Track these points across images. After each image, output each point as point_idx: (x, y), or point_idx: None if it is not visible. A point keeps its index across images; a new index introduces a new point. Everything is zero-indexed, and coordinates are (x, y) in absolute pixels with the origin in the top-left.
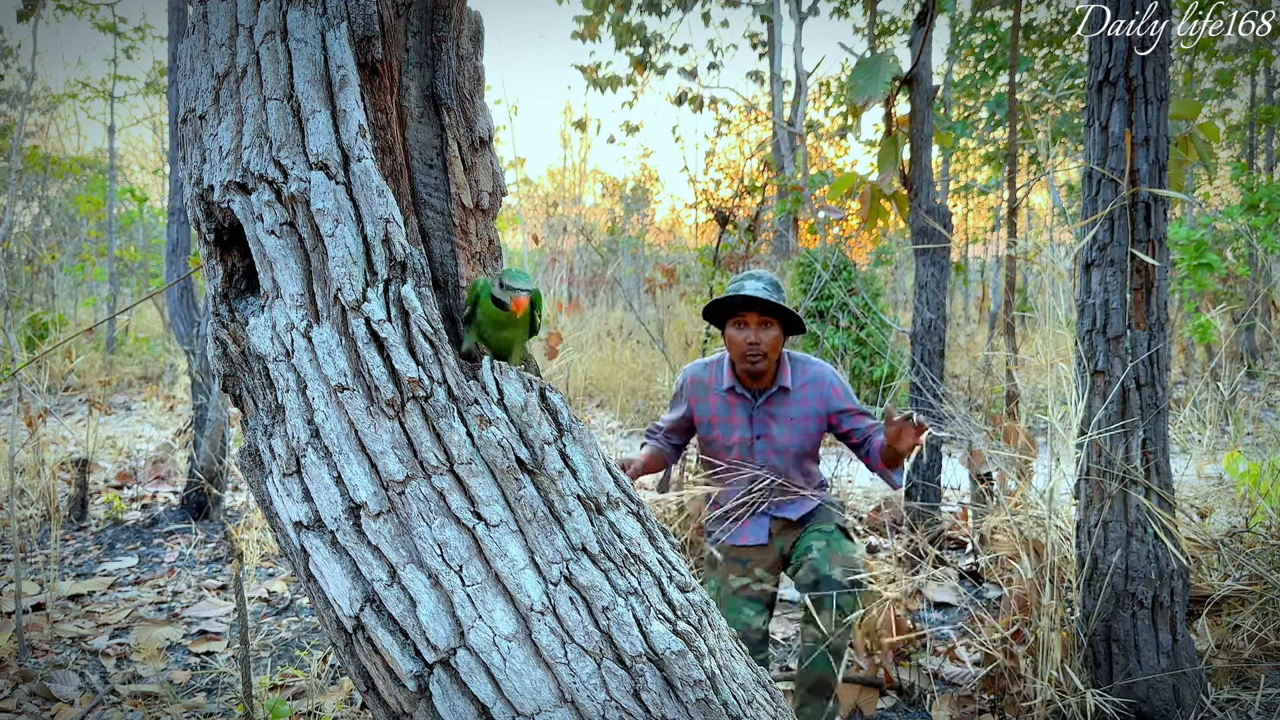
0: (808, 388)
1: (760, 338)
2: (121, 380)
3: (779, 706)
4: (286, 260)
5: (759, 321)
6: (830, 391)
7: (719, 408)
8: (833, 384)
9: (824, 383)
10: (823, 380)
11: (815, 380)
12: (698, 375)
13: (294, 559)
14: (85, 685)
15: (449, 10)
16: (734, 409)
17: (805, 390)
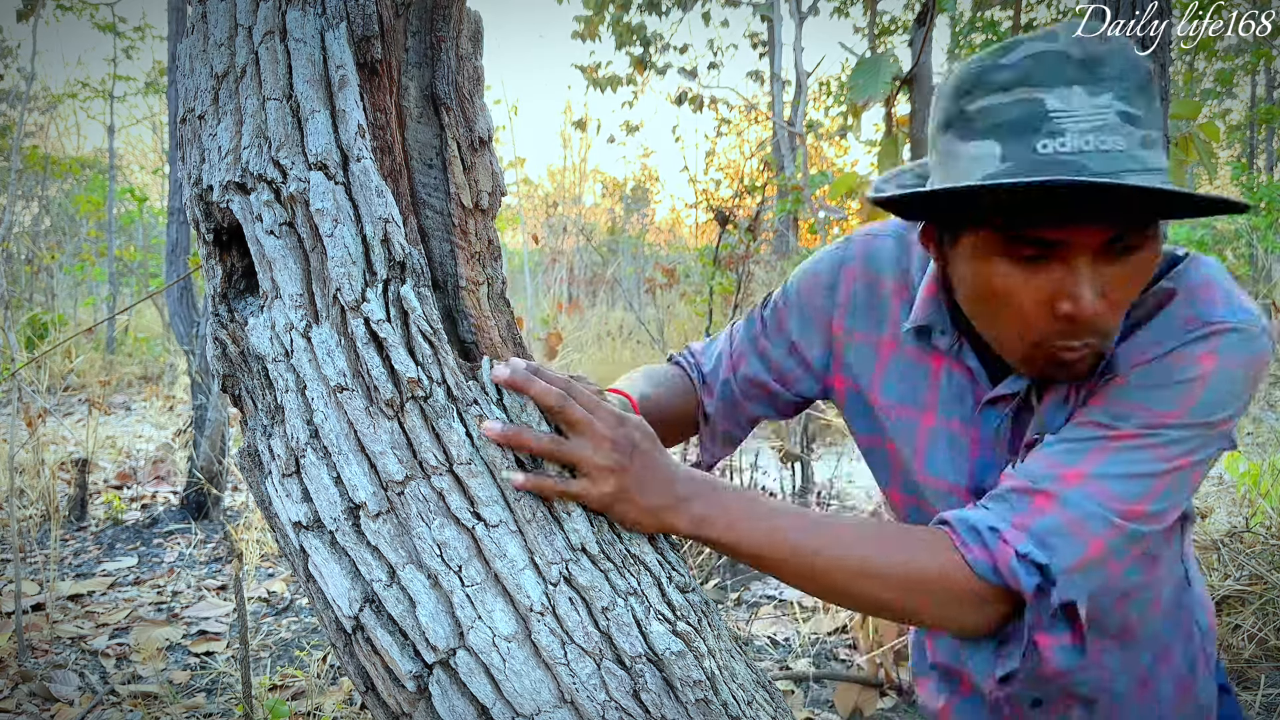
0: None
1: (1105, 289)
2: (121, 380)
3: (779, 707)
4: (285, 260)
5: (1101, 243)
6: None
7: (894, 370)
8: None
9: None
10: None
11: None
12: (869, 269)
13: (293, 559)
14: (85, 685)
15: (448, 10)
16: (955, 407)
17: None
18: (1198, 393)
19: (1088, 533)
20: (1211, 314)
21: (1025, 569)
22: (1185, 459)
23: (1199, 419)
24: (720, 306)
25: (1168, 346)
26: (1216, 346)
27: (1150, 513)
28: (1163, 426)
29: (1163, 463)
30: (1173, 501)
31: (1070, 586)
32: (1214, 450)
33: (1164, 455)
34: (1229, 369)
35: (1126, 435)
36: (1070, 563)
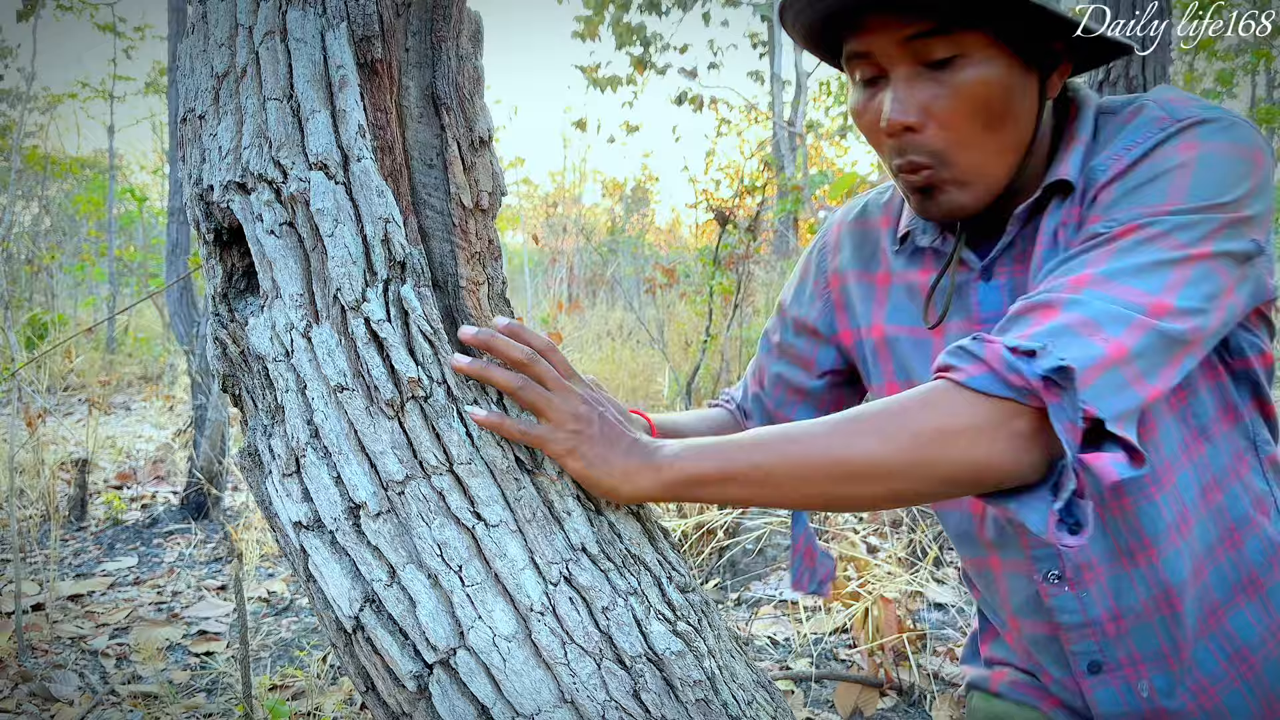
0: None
1: (925, 106)
2: (121, 380)
3: (779, 706)
4: (286, 260)
5: (900, 46)
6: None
7: (895, 298)
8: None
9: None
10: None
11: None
12: (856, 216)
13: (293, 559)
14: (85, 685)
15: (449, 10)
16: (961, 309)
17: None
18: (1186, 179)
19: (1103, 332)
20: (1183, 111)
21: (1024, 361)
22: (1202, 247)
23: (1199, 203)
24: (720, 306)
25: (1144, 146)
26: (1195, 135)
27: (1178, 308)
28: (1162, 214)
29: (1175, 250)
30: (1203, 298)
31: (1092, 393)
32: (1239, 244)
33: (1173, 244)
34: (1214, 152)
35: (1126, 232)
36: (1085, 362)
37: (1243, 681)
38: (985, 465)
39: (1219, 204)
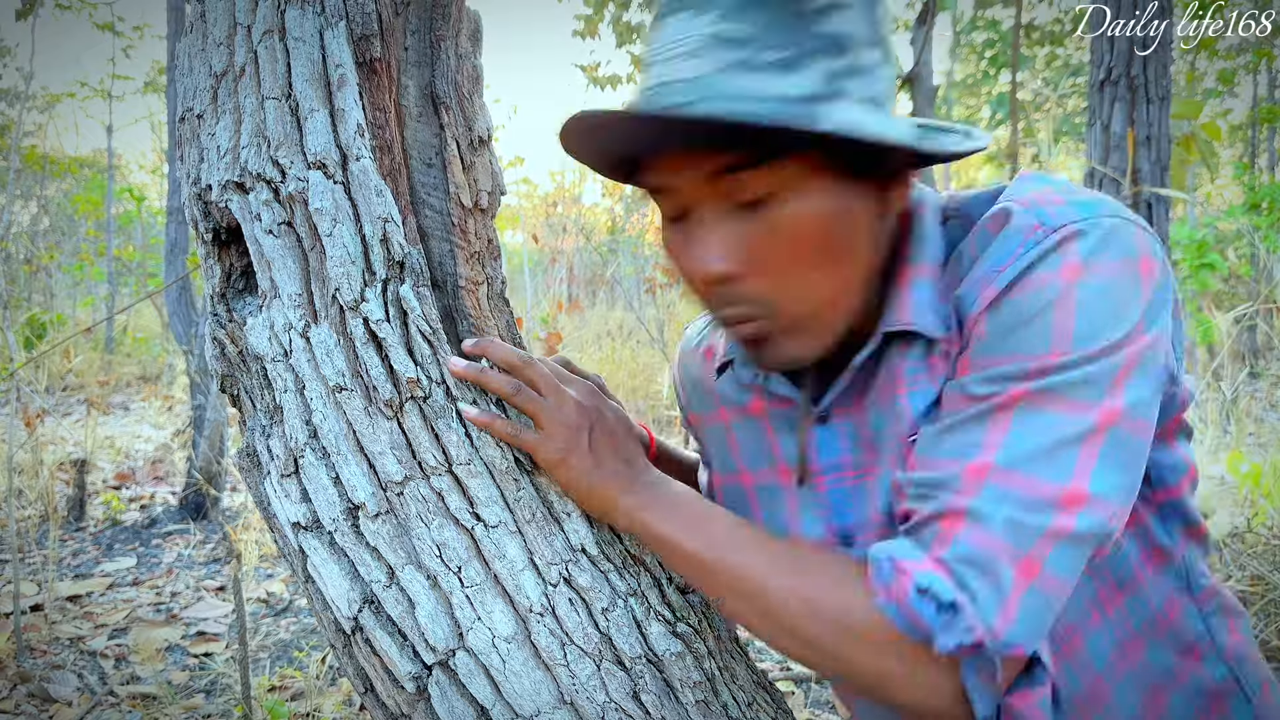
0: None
1: (744, 250)
2: (120, 380)
3: (779, 707)
4: (284, 260)
5: (704, 185)
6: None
7: (741, 439)
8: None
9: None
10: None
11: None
12: (685, 353)
13: (292, 560)
14: (83, 686)
15: (448, 9)
16: (771, 438)
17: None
18: (1070, 318)
19: (1012, 549)
20: (1056, 217)
21: (931, 610)
22: (1109, 403)
23: (1092, 347)
24: None
25: (1015, 268)
26: (1074, 254)
27: (1093, 495)
28: (1050, 369)
29: (1078, 416)
30: (1121, 470)
31: (1012, 634)
32: (1149, 387)
33: (1074, 407)
34: (1099, 276)
35: (1012, 400)
36: (997, 599)
37: None
38: (890, 691)
39: (1115, 343)
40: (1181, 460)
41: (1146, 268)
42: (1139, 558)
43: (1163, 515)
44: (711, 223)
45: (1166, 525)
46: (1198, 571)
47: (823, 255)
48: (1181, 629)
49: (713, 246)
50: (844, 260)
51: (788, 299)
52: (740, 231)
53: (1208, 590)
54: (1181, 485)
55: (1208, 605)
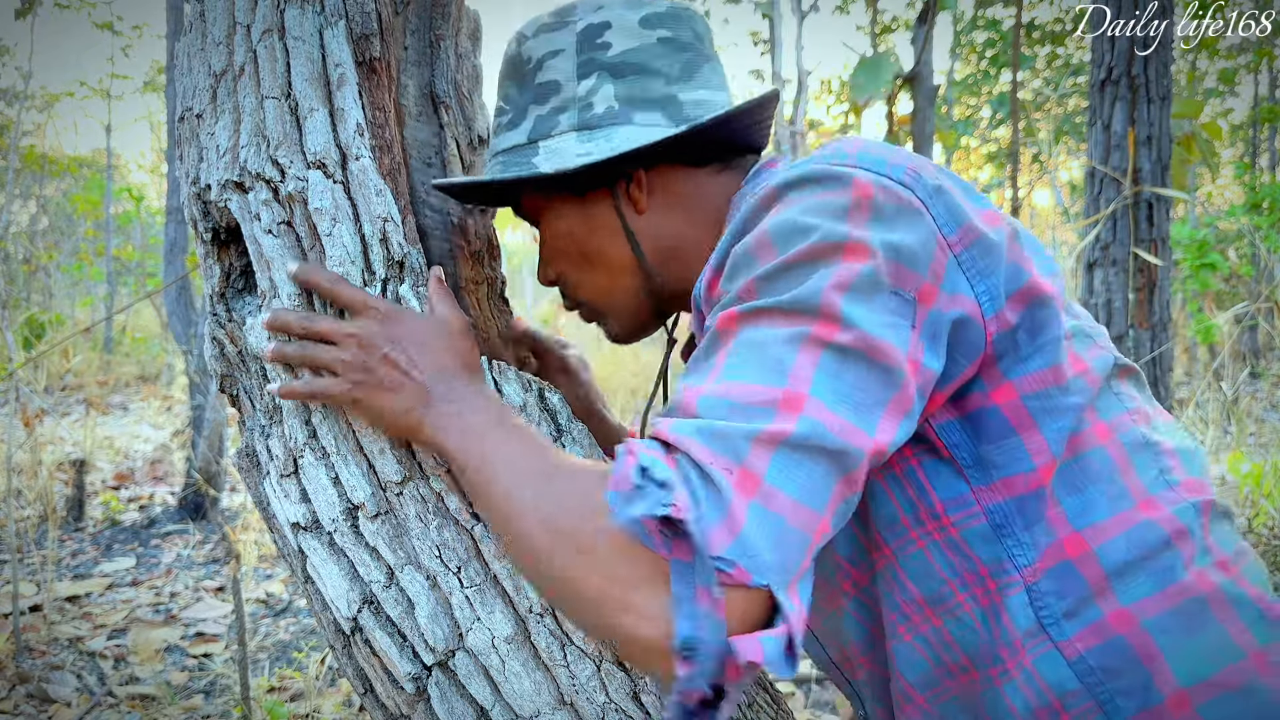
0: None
1: (547, 261)
2: (119, 380)
3: (780, 708)
4: (284, 259)
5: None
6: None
7: None
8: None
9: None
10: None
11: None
12: None
13: (291, 560)
14: (82, 687)
15: (447, 8)
16: None
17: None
18: (766, 236)
19: (724, 461)
20: (775, 178)
21: (650, 487)
22: (827, 319)
23: (790, 253)
24: None
25: (729, 234)
26: (773, 198)
27: (812, 397)
28: (756, 287)
29: (794, 326)
30: (852, 394)
31: (732, 547)
32: (881, 307)
33: (789, 318)
34: (795, 202)
35: (732, 319)
36: (719, 507)
37: None
38: (619, 610)
39: (814, 247)
40: (1053, 442)
41: (859, 188)
42: (949, 571)
43: (998, 519)
44: (540, 248)
45: (1006, 533)
46: (1069, 607)
47: (579, 260)
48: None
49: (538, 264)
50: (598, 260)
51: (583, 294)
52: (540, 252)
53: (1088, 631)
54: (1042, 473)
55: (1086, 657)
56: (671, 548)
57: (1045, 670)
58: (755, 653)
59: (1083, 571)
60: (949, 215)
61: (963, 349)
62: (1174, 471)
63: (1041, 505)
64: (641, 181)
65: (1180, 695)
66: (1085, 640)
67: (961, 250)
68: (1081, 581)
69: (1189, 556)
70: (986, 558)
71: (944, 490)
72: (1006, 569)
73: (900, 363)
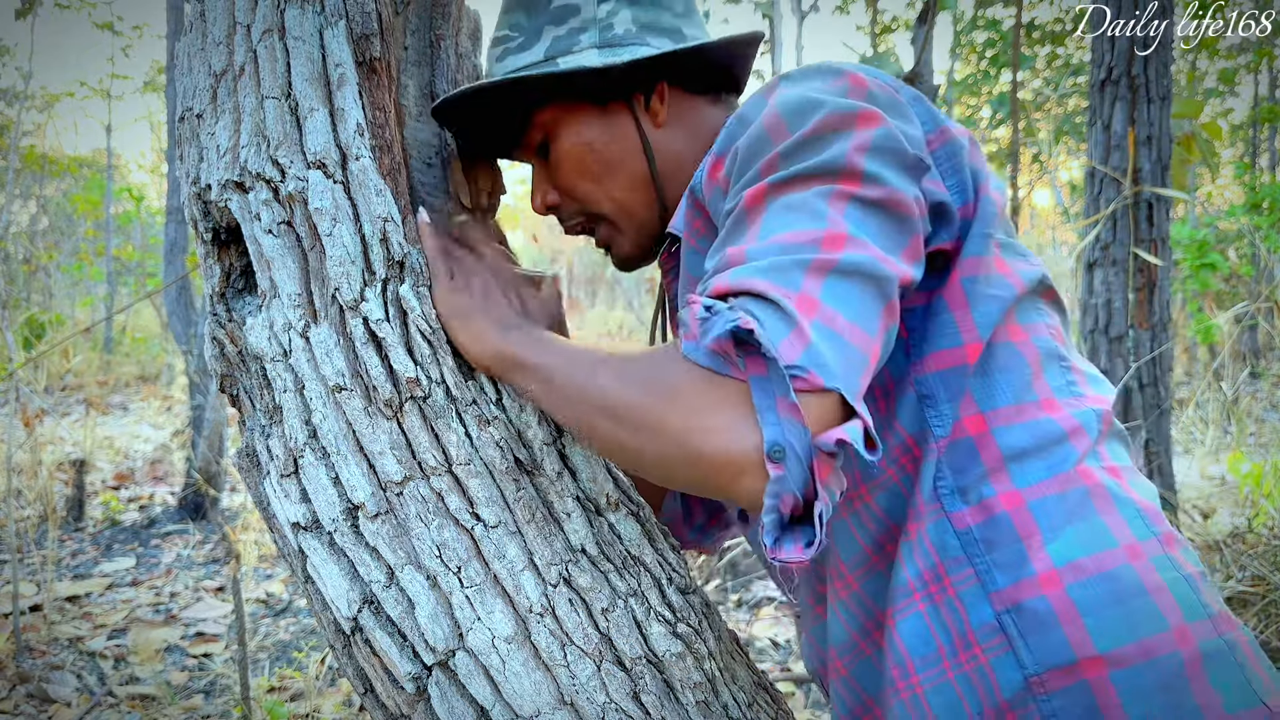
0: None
1: (552, 183)
2: (119, 380)
3: (780, 709)
4: (284, 259)
5: (521, 145)
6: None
7: None
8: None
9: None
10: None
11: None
12: None
13: (292, 560)
14: (82, 687)
15: (447, 8)
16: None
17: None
18: (776, 115)
19: (783, 286)
20: (757, 87)
21: (716, 321)
22: (850, 175)
23: (808, 125)
24: None
25: (730, 127)
26: (774, 86)
27: (852, 235)
28: (779, 161)
29: (822, 186)
30: (883, 237)
31: (804, 356)
32: (897, 164)
33: (816, 180)
34: (798, 84)
35: (760, 194)
36: (784, 324)
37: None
38: (706, 440)
39: (832, 115)
40: (981, 325)
41: (854, 79)
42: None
43: (925, 389)
44: (533, 172)
45: (930, 404)
46: (975, 472)
47: (595, 172)
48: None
49: (535, 188)
50: (615, 170)
51: (595, 208)
52: (545, 172)
53: (988, 502)
54: (968, 350)
55: (981, 521)
56: (746, 365)
57: (935, 537)
58: (840, 435)
59: (980, 451)
60: (928, 116)
61: (942, 229)
62: (1079, 386)
63: (962, 381)
64: (664, 94)
65: (1051, 573)
66: (974, 515)
67: (938, 147)
68: (978, 460)
69: (1082, 453)
70: (912, 428)
71: (892, 369)
72: (927, 438)
73: (913, 212)
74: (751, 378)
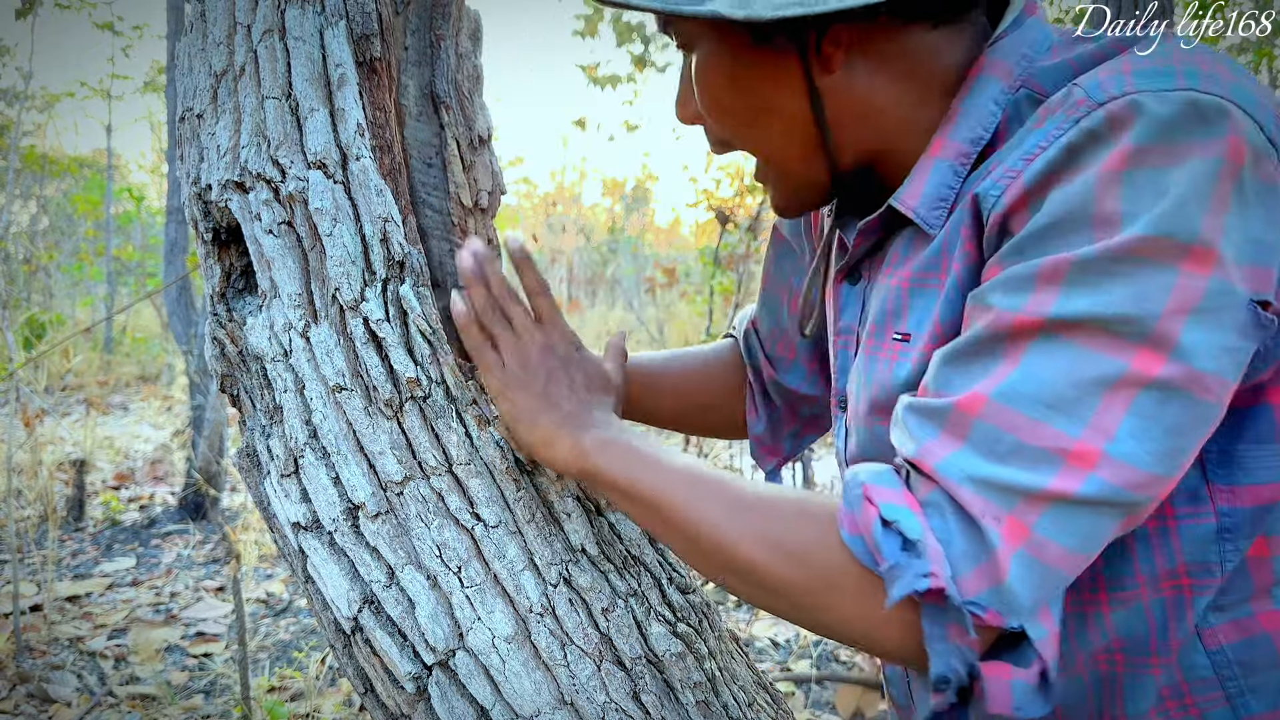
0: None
1: (686, 93)
2: (119, 380)
3: (780, 708)
4: (284, 259)
5: (675, 41)
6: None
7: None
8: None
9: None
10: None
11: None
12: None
13: (292, 560)
14: (83, 686)
15: (448, 8)
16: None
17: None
18: (1112, 200)
19: (996, 507)
20: (1111, 86)
21: (894, 546)
22: (1157, 348)
23: (1142, 236)
24: (720, 306)
25: (1048, 157)
26: (1126, 135)
27: (1110, 456)
28: (1062, 279)
29: (1115, 355)
30: (1160, 441)
31: (987, 595)
32: (1222, 330)
33: (1112, 344)
34: (1158, 159)
35: (1029, 329)
36: (979, 553)
37: None
38: (869, 640)
39: (1172, 244)
40: None
41: (1233, 151)
42: (1143, 562)
43: (1229, 523)
44: (685, 70)
45: (1229, 539)
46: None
47: (746, 113)
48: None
49: (680, 91)
50: (767, 115)
51: (739, 144)
52: (687, 80)
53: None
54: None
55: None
56: (922, 595)
57: (1183, 656)
58: (1005, 704)
59: (1253, 573)
60: None
61: (1267, 355)
62: None
63: (1270, 518)
64: (841, 39)
65: None
66: (1228, 633)
67: None
68: (1249, 582)
69: None
70: (1192, 558)
71: (1179, 486)
72: (1212, 571)
73: (1224, 395)
74: (925, 607)
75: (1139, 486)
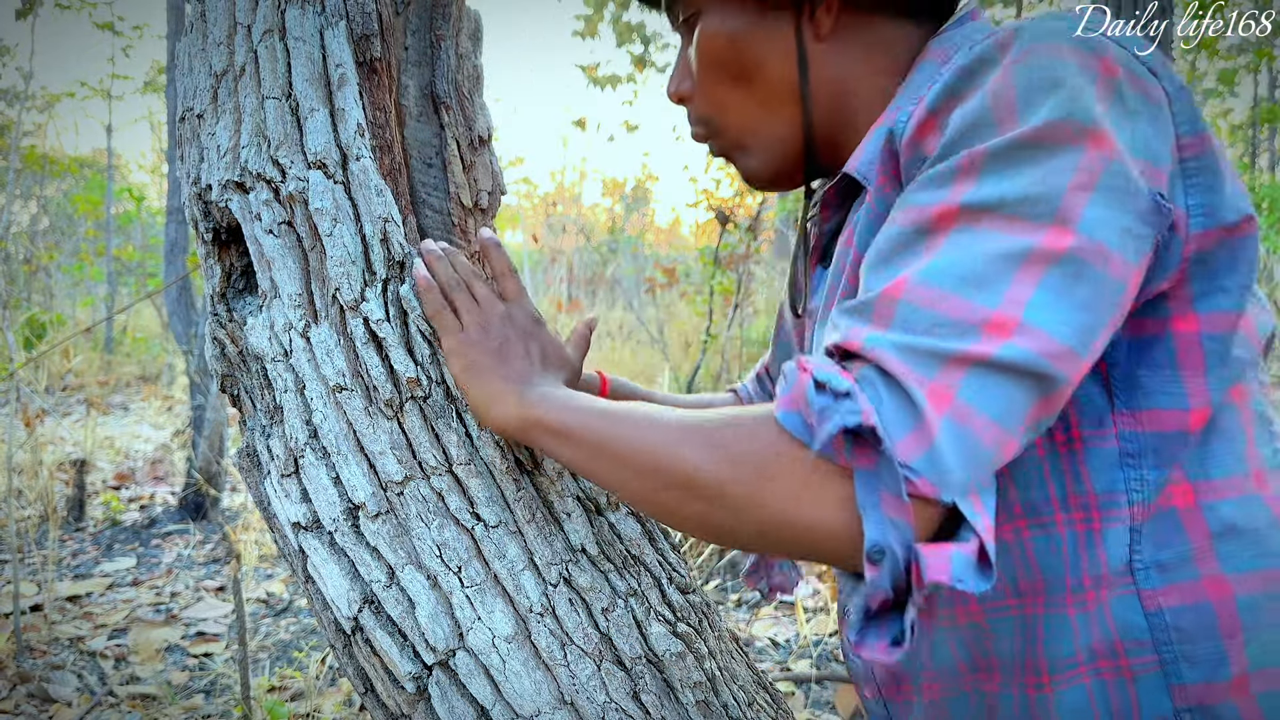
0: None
1: (682, 70)
2: (119, 380)
3: (780, 708)
4: (284, 260)
5: (668, 11)
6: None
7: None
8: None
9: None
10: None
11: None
12: None
13: (292, 560)
14: (83, 686)
15: (448, 8)
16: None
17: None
18: (1011, 97)
19: (919, 373)
20: (1001, 29)
21: (827, 403)
22: (1061, 225)
23: (1035, 123)
24: (720, 306)
25: (945, 77)
26: (1011, 47)
27: (1026, 323)
28: (978, 169)
29: (1022, 234)
30: (1073, 313)
31: (922, 460)
32: (1121, 209)
33: (1018, 224)
34: (1042, 56)
35: (946, 219)
36: (909, 416)
37: None
38: (805, 526)
39: (1063, 127)
40: (1215, 390)
41: (1106, 67)
42: (1056, 486)
43: (1131, 448)
44: (678, 52)
45: (1132, 465)
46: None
47: (730, 74)
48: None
49: (673, 72)
50: (755, 81)
51: (720, 116)
52: (685, 56)
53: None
54: (1194, 417)
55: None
56: (854, 455)
57: (1119, 613)
58: (943, 571)
59: (1187, 526)
60: (1188, 117)
61: (1162, 264)
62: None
63: (1179, 449)
64: (832, 6)
65: (1244, 678)
66: (1170, 596)
67: (1190, 156)
68: (1185, 537)
69: None
70: (1100, 485)
71: (1084, 403)
72: (1117, 501)
73: (1128, 277)
74: (858, 471)
75: (1054, 357)
